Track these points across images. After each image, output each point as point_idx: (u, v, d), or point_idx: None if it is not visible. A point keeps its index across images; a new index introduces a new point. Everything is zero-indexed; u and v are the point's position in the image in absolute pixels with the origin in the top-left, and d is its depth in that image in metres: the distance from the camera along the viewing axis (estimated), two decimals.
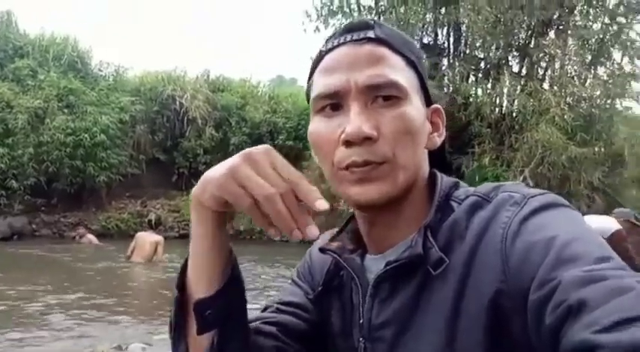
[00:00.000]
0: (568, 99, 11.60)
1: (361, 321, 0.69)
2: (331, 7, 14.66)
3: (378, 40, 0.66)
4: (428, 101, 0.71)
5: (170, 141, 15.35)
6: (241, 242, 13.75)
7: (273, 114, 16.20)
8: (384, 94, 0.64)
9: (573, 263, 0.50)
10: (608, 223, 5.07)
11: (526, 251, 0.55)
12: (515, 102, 12.09)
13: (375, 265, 0.69)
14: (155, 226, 8.37)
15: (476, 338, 0.57)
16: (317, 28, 14.32)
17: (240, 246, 12.31)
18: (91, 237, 10.74)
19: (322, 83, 0.67)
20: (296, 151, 15.28)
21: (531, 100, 11.47)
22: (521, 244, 0.56)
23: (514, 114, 12.16)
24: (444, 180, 0.70)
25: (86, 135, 13.17)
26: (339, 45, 0.67)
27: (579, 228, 0.57)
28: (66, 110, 13.58)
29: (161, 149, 15.30)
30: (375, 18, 0.71)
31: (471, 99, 12.25)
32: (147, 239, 7.96)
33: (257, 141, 15.67)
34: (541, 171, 10.84)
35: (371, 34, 0.67)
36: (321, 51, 0.70)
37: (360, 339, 0.69)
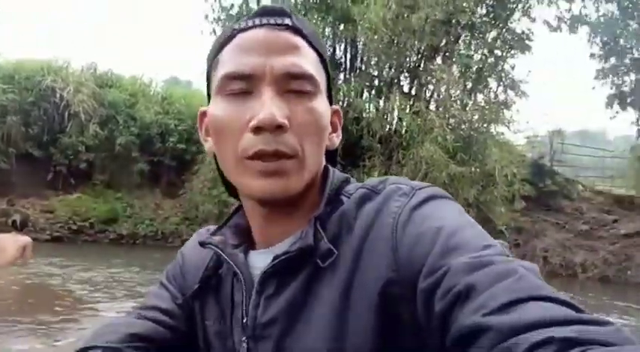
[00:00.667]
0: (451, 120, 12.56)
1: (245, 320, 0.66)
2: (230, 12, 14.56)
3: (295, 30, 0.66)
4: (330, 101, 0.72)
5: (47, 135, 14.04)
6: (122, 246, 12.96)
7: (165, 115, 15.56)
8: (296, 87, 0.63)
9: (460, 250, 0.52)
10: None
11: (415, 240, 0.56)
12: (403, 120, 12.82)
13: (261, 260, 0.67)
14: (21, 227, 7.46)
15: (365, 329, 0.56)
16: (214, 31, 14.14)
17: (122, 251, 11.65)
18: None
19: (235, 63, 0.63)
20: (188, 155, 14.83)
21: (418, 119, 12.22)
22: (410, 233, 0.57)
23: (403, 131, 12.88)
24: (335, 174, 0.70)
25: None
26: (254, 26, 0.65)
27: (464, 218, 0.60)
28: None
29: (35, 144, 13.93)
30: None
31: (364, 115, 12.75)
32: (8, 240, 7.09)
33: (146, 141, 14.95)
34: None
35: (288, 21, 0.66)
36: (233, 29, 0.66)
37: (244, 339, 0.65)
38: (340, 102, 13.12)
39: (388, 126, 12.79)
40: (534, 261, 12.79)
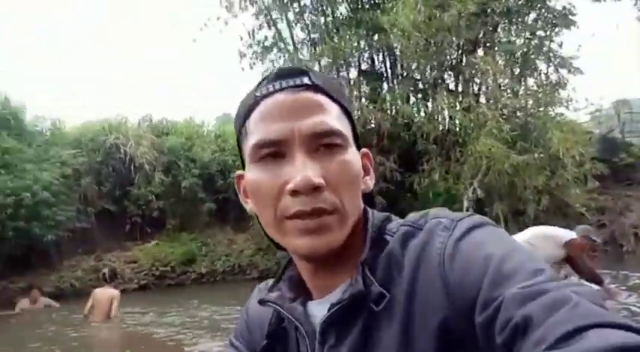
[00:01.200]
0: (503, 110, 12.22)
1: None
2: (265, 43, 14.92)
3: (315, 87, 0.66)
4: (358, 146, 0.73)
5: (119, 190, 14.88)
6: (204, 285, 13.42)
7: (222, 153, 16.09)
8: (326, 142, 0.64)
9: (511, 279, 0.51)
10: (566, 232, 5.38)
11: (464, 272, 0.56)
12: (455, 118, 12.62)
13: (319, 310, 0.68)
14: (110, 280, 7.96)
15: None
16: (252, 64, 14.54)
17: (203, 290, 12.05)
18: (44, 299, 10.16)
19: (263, 130, 0.65)
20: None
21: (469, 115, 12.01)
22: (458, 266, 0.57)
23: (457, 129, 12.67)
24: (375, 215, 0.71)
25: (27, 194, 12.54)
26: (275, 91, 0.66)
27: (509, 244, 0.59)
28: (2, 171, 12.95)
29: (110, 199, 14.79)
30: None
31: (413, 119, 12.67)
32: (102, 295, 7.60)
33: (209, 181, 15.50)
34: (488, 180, 11.29)
35: (307, 80, 0.67)
36: (256, 96, 0.68)
37: None
38: (388, 111, 13.15)
39: (441, 127, 12.65)
40: (625, 239, 12.18)
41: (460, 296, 0.55)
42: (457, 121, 12.63)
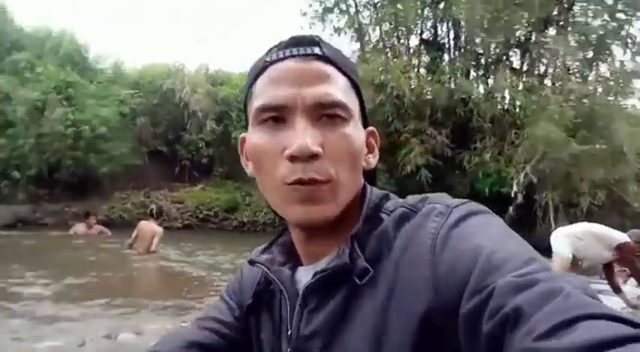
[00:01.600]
0: (569, 96, 11.72)
1: (289, 332, 0.69)
2: (326, 3, 14.68)
3: (325, 58, 0.67)
4: (365, 123, 0.73)
5: (172, 134, 15.31)
6: (244, 234, 13.80)
7: None
8: (329, 113, 0.64)
9: (504, 267, 0.51)
10: (620, 234, 5.21)
11: (455, 259, 0.56)
12: (516, 98, 12.21)
13: (305, 276, 0.70)
14: (157, 216, 8.35)
15: (401, 348, 0.57)
16: (312, 24, 14.37)
17: (243, 238, 12.40)
18: (98, 226, 10.76)
19: (268, 95, 0.66)
20: None
21: (532, 97, 11.60)
22: (449, 253, 0.57)
23: (516, 109, 12.28)
24: (374, 192, 0.71)
25: (86, 127, 13.10)
26: (284, 57, 0.66)
27: (504, 232, 0.59)
28: (65, 102, 13.49)
29: (163, 141, 15.26)
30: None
31: (471, 95, 12.35)
32: (147, 228, 8.01)
33: None
34: (543, 167, 10.97)
35: (318, 50, 0.67)
36: (265, 61, 0.68)
37: (288, 350, 0.69)
38: (445, 84, 12.83)
39: (499, 106, 12.27)
40: None
41: (447, 283, 0.55)
42: (517, 102, 12.23)
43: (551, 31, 12.73)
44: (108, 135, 13.50)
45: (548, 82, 12.61)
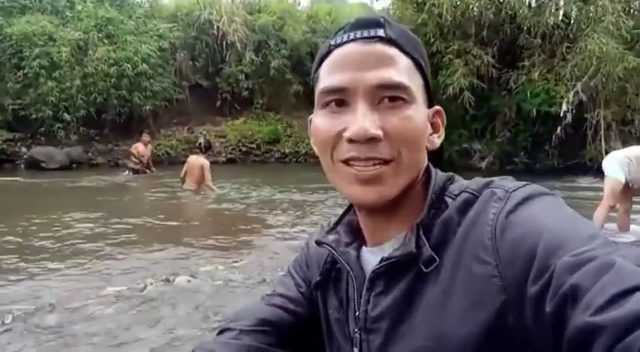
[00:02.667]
0: (628, 4, 10.71)
1: (357, 313, 0.71)
2: None
3: (388, 40, 0.66)
4: (430, 102, 0.72)
5: (212, 66, 15.35)
6: (287, 165, 14.06)
7: (313, 34, 15.79)
8: (390, 95, 0.64)
9: (562, 249, 0.51)
10: None
11: (516, 244, 0.56)
12: (568, 10, 11.28)
13: (372, 257, 0.71)
14: (205, 150, 8.45)
15: (467, 335, 0.58)
16: None
17: (286, 170, 12.66)
18: (150, 146, 11.35)
19: (330, 79, 0.66)
20: None
21: (587, 7, 10.69)
22: (509, 238, 0.57)
23: (570, 21, 11.39)
24: (438, 175, 0.71)
25: (128, 65, 13.33)
26: (348, 41, 0.67)
27: (563, 212, 0.59)
28: (106, 41, 13.68)
29: (203, 75, 15.36)
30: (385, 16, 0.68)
31: (519, 11, 11.49)
32: (196, 163, 8.17)
33: (298, 63, 15.46)
34: (595, 84, 10.30)
35: (381, 32, 0.66)
36: (330, 44, 0.69)
37: (356, 330, 0.71)
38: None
39: (550, 20, 11.36)
40: None
41: (510, 269, 0.55)
42: (572, 13, 11.29)
43: None
44: (149, 72, 13.70)
45: None
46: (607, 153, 6.00)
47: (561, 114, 10.54)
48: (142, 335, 2.67)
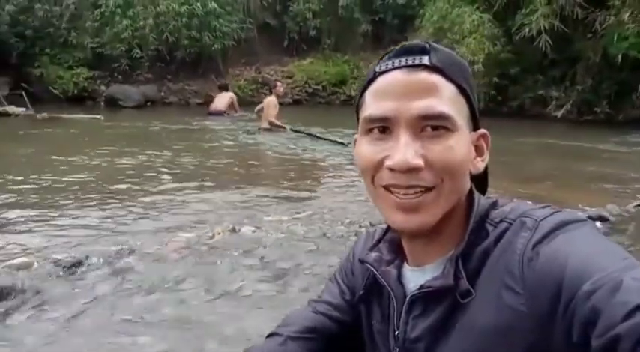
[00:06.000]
0: None
1: (396, 333, 0.74)
2: None
3: (433, 68, 0.67)
4: (475, 125, 0.72)
5: (279, 4, 15.14)
6: (352, 107, 13.89)
7: None
8: (433, 124, 0.65)
9: (586, 279, 0.53)
10: None
11: (542, 277, 0.57)
12: None
13: (413, 278, 0.74)
14: (270, 92, 9.01)
15: None
16: None
17: (351, 113, 12.40)
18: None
19: (375, 106, 0.68)
20: (410, 10, 14.39)
21: None
22: (537, 269, 0.58)
23: None
24: (480, 202, 0.71)
25: (198, 4, 13.40)
26: (393, 68, 0.67)
27: (590, 243, 0.59)
28: None
29: (271, 14, 15.21)
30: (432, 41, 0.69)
31: None
32: (270, 103, 8.70)
33: (367, 1, 14.94)
34: None
35: (426, 60, 0.67)
36: (375, 71, 0.70)
37: (395, 348, 0.75)
38: None
39: None
40: None
41: (538, 301, 0.57)
42: None
43: None
44: (218, 11, 13.73)
45: None
46: None
47: None
48: (205, 285, 2.88)
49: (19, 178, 5.24)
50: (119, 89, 13.16)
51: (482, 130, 0.74)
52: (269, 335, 0.86)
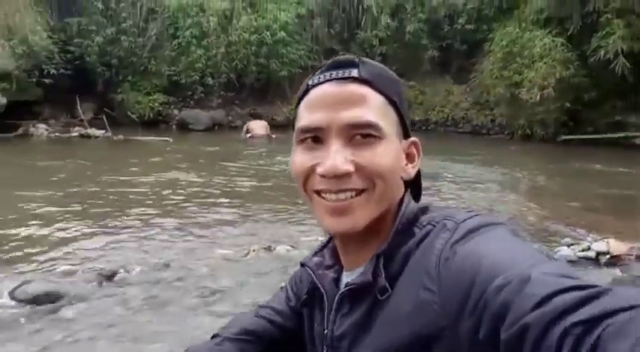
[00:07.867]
0: None
1: (325, 332, 0.77)
2: None
3: (362, 80, 0.70)
4: (406, 134, 0.75)
5: (347, 32, 15.41)
6: (415, 133, 13.73)
7: None
8: (362, 133, 0.68)
9: (498, 277, 0.53)
10: None
11: (457, 275, 0.58)
12: None
13: (345, 280, 0.76)
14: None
15: (405, 344, 0.62)
16: None
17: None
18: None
19: (306, 118, 0.70)
20: (479, 35, 14.14)
21: None
22: (452, 268, 0.59)
23: None
24: (410, 206, 0.73)
25: (267, 33, 13.92)
26: (324, 81, 0.70)
27: (506, 243, 0.60)
28: (249, 9, 14.38)
29: (337, 41, 15.49)
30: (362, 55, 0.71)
31: None
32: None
33: (435, 26, 14.85)
34: None
35: (355, 73, 0.70)
36: (308, 85, 0.73)
37: (324, 348, 0.77)
38: None
39: None
40: None
41: (451, 299, 0.58)
42: None
43: None
44: (287, 40, 14.19)
45: None
46: None
47: None
48: (235, 297, 2.92)
49: (75, 190, 5.65)
50: (190, 113, 13.91)
51: (413, 138, 0.76)
52: (212, 336, 0.90)
